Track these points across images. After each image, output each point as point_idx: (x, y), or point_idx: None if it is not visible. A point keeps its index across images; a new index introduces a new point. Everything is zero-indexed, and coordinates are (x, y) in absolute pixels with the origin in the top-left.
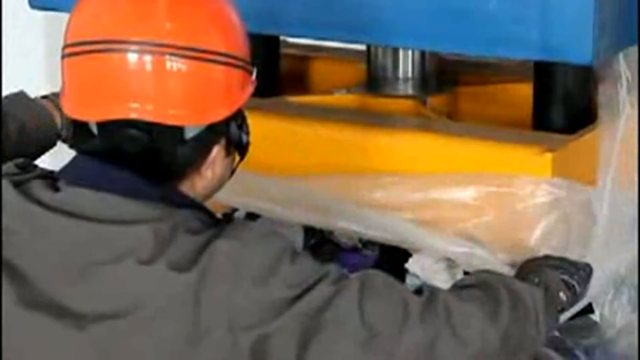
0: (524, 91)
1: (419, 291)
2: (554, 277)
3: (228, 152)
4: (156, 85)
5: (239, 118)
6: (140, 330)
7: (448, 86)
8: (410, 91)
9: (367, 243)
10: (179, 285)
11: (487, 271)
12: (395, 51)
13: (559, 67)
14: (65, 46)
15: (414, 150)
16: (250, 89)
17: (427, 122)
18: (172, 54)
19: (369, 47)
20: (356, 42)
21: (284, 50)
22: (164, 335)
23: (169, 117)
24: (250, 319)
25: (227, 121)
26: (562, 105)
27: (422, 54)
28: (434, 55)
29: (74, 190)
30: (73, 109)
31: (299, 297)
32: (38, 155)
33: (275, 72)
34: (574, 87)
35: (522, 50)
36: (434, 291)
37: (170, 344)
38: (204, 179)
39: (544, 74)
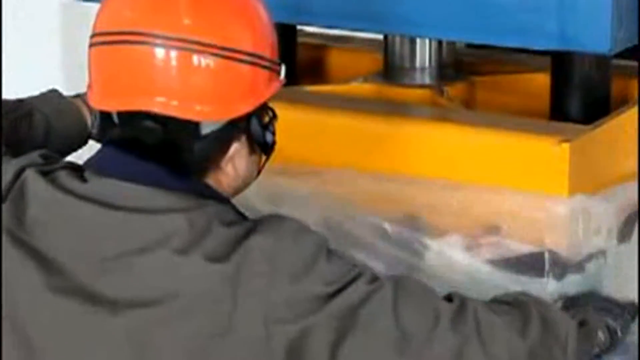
0: (541, 81)
1: (448, 298)
2: (596, 316)
3: (252, 150)
4: (182, 81)
5: (263, 115)
6: (173, 320)
7: (465, 76)
8: (427, 80)
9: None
10: (214, 275)
11: (525, 294)
12: (412, 40)
13: (577, 57)
14: (94, 35)
15: (431, 140)
16: (275, 87)
17: (444, 111)
18: (199, 51)
19: (386, 37)
20: (373, 31)
21: (300, 40)
22: (196, 324)
23: (191, 112)
24: (286, 314)
25: (248, 118)
26: (580, 95)
27: (439, 43)
28: (451, 44)
29: (102, 181)
30: (97, 100)
31: (335, 294)
32: (65, 155)
33: (292, 61)
34: (591, 76)
35: (539, 40)
36: (464, 300)
37: (202, 334)
38: (227, 176)
39: (561, 64)
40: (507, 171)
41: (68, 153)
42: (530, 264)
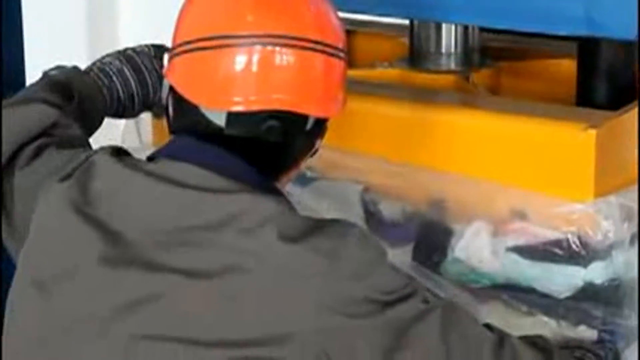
0: (567, 67)
1: (487, 326)
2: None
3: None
4: (297, 78)
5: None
6: (236, 294)
7: (491, 61)
8: (452, 66)
9: (410, 218)
10: (283, 255)
11: (547, 340)
12: (438, 26)
13: (603, 43)
14: (193, 40)
15: (456, 126)
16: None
17: (470, 97)
18: (310, 48)
19: (411, 22)
20: (399, 16)
21: None
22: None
23: (307, 108)
24: (339, 306)
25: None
26: (606, 81)
27: (465, 28)
28: (477, 30)
29: (172, 163)
30: (213, 100)
31: (391, 304)
32: (95, 129)
33: None
34: (617, 63)
35: (566, 26)
36: (503, 333)
37: (260, 310)
38: (292, 174)
39: (587, 50)
40: (533, 157)
41: (96, 128)
42: (556, 251)
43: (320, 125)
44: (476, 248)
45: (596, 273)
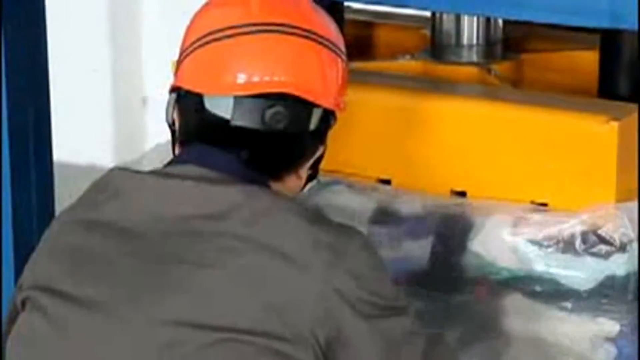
0: (590, 59)
1: None
2: None
3: (314, 164)
4: (300, 64)
5: (330, 129)
6: (239, 281)
7: (513, 54)
8: (474, 58)
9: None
10: (287, 244)
11: None
12: (460, 18)
13: (626, 35)
14: (199, 38)
15: (479, 118)
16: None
17: (492, 89)
18: (314, 40)
19: (433, 14)
20: (420, 8)
21: (347, 16)
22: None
23: (309, 93)
24: (337, 298)
25: (329, 122)
26: (628, 74)
27: (487, 20)
28: (499, 22)
29: (178, 165)
30: (219, 86)
31: (385, 315)
32: None
33: None
34: None
35: (589, 18)
36: None
37: (262, 297)
38: (292, 184)
39: (610, 42)
40: (555, 149)
41: None
42: (577, 243)
43: (323, 128)
44: (496, 241)
45: (617, 265)
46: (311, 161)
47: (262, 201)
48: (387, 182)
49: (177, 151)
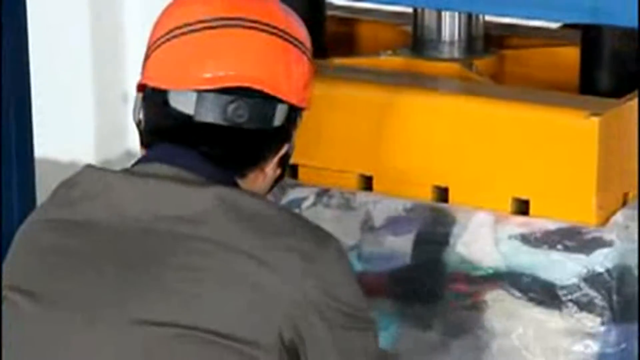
0: (571, 54)
1: None
2: None
3: (280, 162)
4: (263, 58)
5: (296, 128)
6: (214, 283)
7: (494, 49)
8: (455, 54)
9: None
10: (258, 247)
11: None
12: (441, 14)
13: (607, 31)
14: (161, 36)
15: (460, 114)
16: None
17: (473, 85)
18: (277, 35)
19: (415, 10)
20: (402, 4)
21: (329, 13)
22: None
23: (271, 87)
24: (306, 303)
25: (295, 120)
26: (609, 69)
27: (469, 16)
28: (480, 18)
29: (148, 164)
30: (183, 81)
31: (349, 319)
32: None
33: (320, 35)
34: (621, 51)
35: (570, 14)
36: None
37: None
38: (259, 182)
39: (591, 37)
40: (536, 145)
41: None
42: (559, 239)
43: (288, 126)
44: (478, 237)
45: (598, 262)
46: (276, 159)
47: (238, 204)
48: (369, 178)
49: (142, 150)
